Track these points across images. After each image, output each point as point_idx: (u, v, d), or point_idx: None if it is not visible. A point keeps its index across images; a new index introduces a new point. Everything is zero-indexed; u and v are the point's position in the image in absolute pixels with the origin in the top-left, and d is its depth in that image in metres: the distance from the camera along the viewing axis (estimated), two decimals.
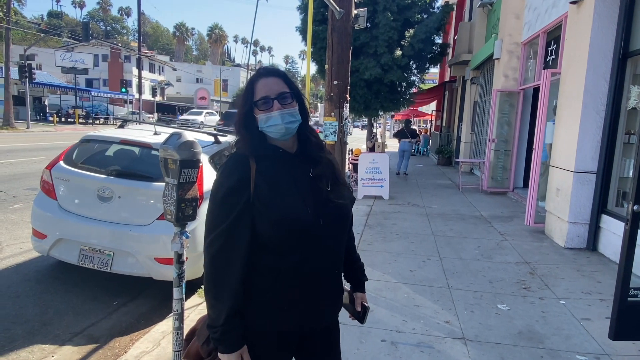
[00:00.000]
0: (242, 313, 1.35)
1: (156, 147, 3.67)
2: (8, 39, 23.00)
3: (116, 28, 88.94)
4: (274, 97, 1.38)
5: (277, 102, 1.38)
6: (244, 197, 1.32)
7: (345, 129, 6.54)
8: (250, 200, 1.33)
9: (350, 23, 6.30)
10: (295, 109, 1.41)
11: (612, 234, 4.96)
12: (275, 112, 1.37)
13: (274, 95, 1.38)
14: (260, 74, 1.44)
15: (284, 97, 1.39)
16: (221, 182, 1.37)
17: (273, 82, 1.41)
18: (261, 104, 1.39)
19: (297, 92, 1.45)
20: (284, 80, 1.43)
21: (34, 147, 14.24)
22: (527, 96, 9.30)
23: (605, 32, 5.07)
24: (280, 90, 1.40)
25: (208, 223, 1.36)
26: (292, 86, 1.43)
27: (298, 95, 1.44)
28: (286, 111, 1.38)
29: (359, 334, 3.05)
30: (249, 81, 1.45)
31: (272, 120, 1.38)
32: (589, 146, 5.26)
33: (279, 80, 1.42)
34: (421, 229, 6.21)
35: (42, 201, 3.92)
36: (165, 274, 3.52)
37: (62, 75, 39.07)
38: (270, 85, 1.40)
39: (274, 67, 1.54)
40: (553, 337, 3.18)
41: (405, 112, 23.03)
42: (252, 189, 1.34)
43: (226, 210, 1.32)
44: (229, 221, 1.32)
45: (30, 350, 2.97)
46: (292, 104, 1.41)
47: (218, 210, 1.35)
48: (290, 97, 1.41)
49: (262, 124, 1.39)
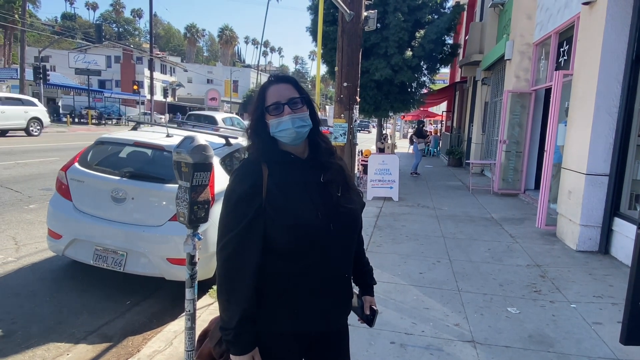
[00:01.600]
0: (254, 316, 1.38)
1: (168, 149, 3.74)
2: (23, 41, 23.50)
3: (128, 30, 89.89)
4: (284, 102, 1.41)
5: (287, 107, 1.41)
6: (256, 203, 1.35)
7: (354, 130, 6.56)
8: (262, 206, 1.35)
9: (361, 25, 6.31)
10: (305, 114, 1.44)
11: (624, 237, 4.91)
12: (286, 117, 1.40)
13: (284, 100, 1.41)
14: (271, 81, 1.48)
15: (294, 102, 1.42)
16: (234, 188, 1.40)
17: (284, 88, 1.44)
18: (272, 109, 1.42)
19: (308, 98, 1.48)
20: (295, 86, 1.46)
21: (49, 147, 14.46)
22: (538, 97, 9.22)
23: (618, 33, 5.02)
24: (290, 96, 1.43)
25: (221, 227, 1.40)
26: (302, 92, 1.46)
27: (308, 101, 1.47)
28: (297, 116, 1.41)
29: (368, 335, 3.07)
30: (260, 88, 1.48)
31: (283, 124, 1.40)
32: (602, 148, 5.21)
33: (289, 86, 1.45)
34: (431, 231, 6.20)
35: (57, 202, 4.00)
36: (177, 274, 3.58)
37: (75, 77, 39.66)
38: (281, 91, 1.43)
39: (284, 74, 1.58)
40: (564, 341, 3.16)
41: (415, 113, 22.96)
42: (264, 194, 1.36)
43: (238, 216, 1.36)
44: (241, 226, 1.34)
45: (46, 348, 3.04)
46: (303, 108, 1.44)
47: (231, 216, 1.38)
48: (300, 102, 1.44)
49: (273, 129, 1.42)
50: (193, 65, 64.63)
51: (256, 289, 1.38)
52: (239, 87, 58.21)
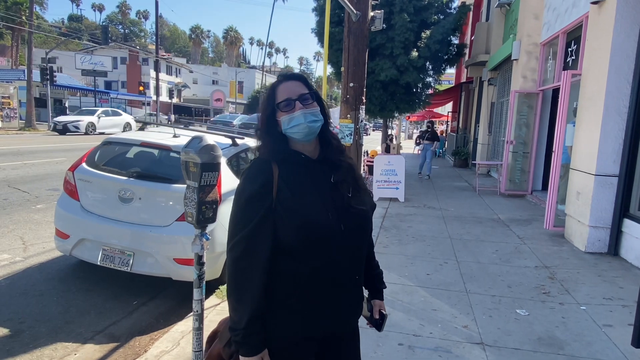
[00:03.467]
0: (264, 317, 1.37)
1: (175, 149, 3.74)
2: (30, 43, 23.62)
3: (134, 31, 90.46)
4: (295, 98, 1.41)
5: (298, 102, 1.41)
6: (266, 202, 1.34)
7: (361, 131, 6.54)
8: (272, 206, 1.34)
9: (367, 25, 6.29)
10: (317, 109, 1.44)
11: (634, 239, 4.85)
12: (298, 112, 1.40)
13: (295, 96, 1.41)
14: (280, 79, 1.48)
15: (305, 97, 1.42)
16: (244, 187, 1.38)
17: (293, 85, 1.44)
18: (283, 105, 1.41)
19: (317, 94, 1.47)
20: (304, 83, 1.46)
21: (55, 148, 14.56)
22: (546, 97, 9.15)
23: (627, 32, 4.97)
24: (301, 92, 1.42)
25: (231, 227, 1.38)
26: (311, 88, 1.47)
27: (318, 97, 1.47)
28: (308, 111, 1.41)
29: (376, 337, 3.05)
30: (269, 87, 1.48)
31: (295, 120, 1.40)
32: (611, 149, 5.16)
33: (299, 83, 1.45)
34: (438, 232, 6.16)
35: (65, 202, 4.01)
36: (184, 274, 3.58)
37: (82, 78, 39.94)
38: (291, 88, 1.43)
39: (294, 72, 1.57)
40: (574, 343, 3.13)
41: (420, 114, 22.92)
42: (275, 193, 1.35)
43: (249, 215, 1.34)
44: (251, 226, 1.33)
45: (53, 347, 3.04)
46: (314, 104, 1.44)
47: (241, 215, 1.36)
48: (310, 97, 1.43)
49: (285, 125, 1.41)
50: (198, 66, 64.89)
51: (266, 290, 1.36)
52: (244, 88, 58.35)
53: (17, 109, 23.81)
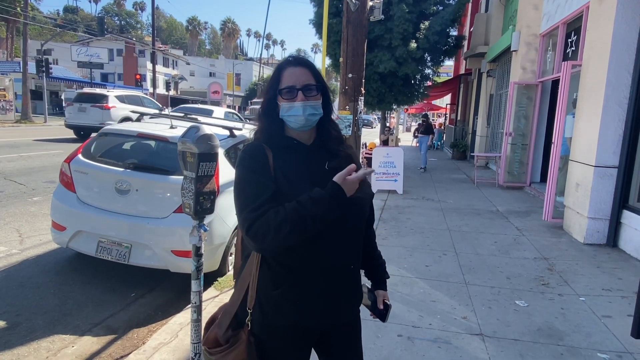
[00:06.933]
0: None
1: (172, 140, 3.70)
2: (26, 34, 23.35)
3: (130, 23, 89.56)
4: (299, 88, 1.37)
5: (301, 92, 1.37)
6: (270, 176, 1.33)
7: (360, 122, 6.49)
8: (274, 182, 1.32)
9: (366, 15, 6.22)
10: (318, 102, 1.40)
11: (633, 230, 4.85)
12: (298, 103, 1.36)
13: (299, 85, 1.37)
14: (289, 62, 1.42)
15: (309, 89, 1.38)
16: (245, 164, 1.36)
17: (300, 72, 1.39)
18: (285, 92, 1.38)
19: (323, 86, 1.43)
20: (312, 72, 1.41)
21: (52, 140, 14.46)
22: (545, 89, 9.11)
23: (628, 22, 4.93)
24: (306, 82, 1.38)
25: (241, 199, 1.32)
26: (319, 78, 1.42)
27: (324, 89, 1.43)
28: (309, 103, 1.37)
29: (375, 328, 3.04)
30: (276, 68, 1.43)
31: (294, 110, 1.37)
32: (611, 140, 5.14)
33: (306, 71, 1.40)
34: (436, 224, 6.15)
35: (61, 194, 3.97)
36: (181, 266, 3.55)
37: (78, 70, 39.63)
38: (297, 75, 1.39)
39: (303, 57, 1.50)
40: (573, 334, 3.12)
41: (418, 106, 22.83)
42: (273, 175, 1.33)
43: (257, 186, 1.31)
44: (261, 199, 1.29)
45: (51, 340, 3.02)
46: (317, 96, 1.40)
47: (248, 187, 1.32)
48: (315, 89, 1.40)
49: (283, 112, 1.39)
50: (195, 58, 64.46)
51: (259, 281, 1.36)
52: (241, 80, 58.07)
53: (13, 101, 23.63)
